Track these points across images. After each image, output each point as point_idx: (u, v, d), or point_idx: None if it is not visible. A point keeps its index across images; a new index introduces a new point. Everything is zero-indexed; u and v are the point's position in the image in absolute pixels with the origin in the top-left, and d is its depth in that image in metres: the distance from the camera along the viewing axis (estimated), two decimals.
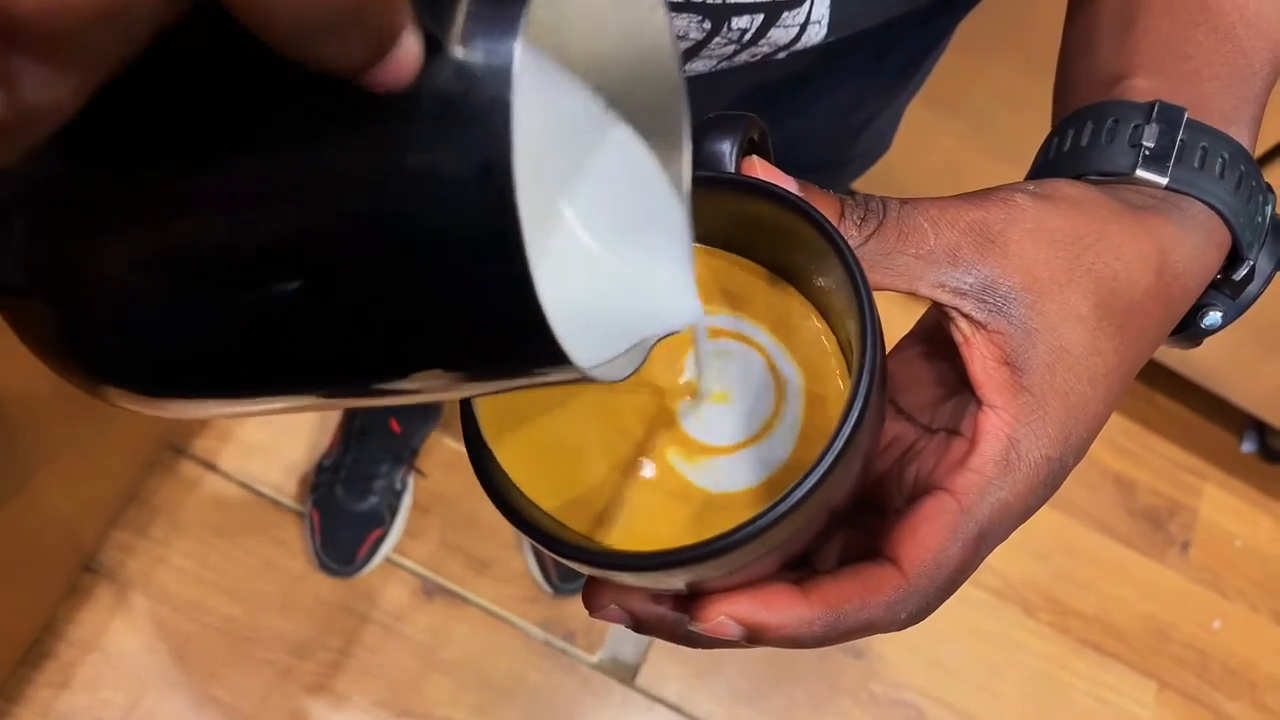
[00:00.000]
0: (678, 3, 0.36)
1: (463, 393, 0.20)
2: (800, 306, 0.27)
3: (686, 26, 0.38)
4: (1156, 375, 1.38)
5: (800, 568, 0.27)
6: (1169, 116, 0.29)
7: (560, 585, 1.15)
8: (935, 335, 0.31)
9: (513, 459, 0.25)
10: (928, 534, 0.24)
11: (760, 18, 0.37)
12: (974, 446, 0.25)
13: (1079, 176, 0.30)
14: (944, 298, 0.26)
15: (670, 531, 0.25)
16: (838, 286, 0.24)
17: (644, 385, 0.27)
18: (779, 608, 0.24)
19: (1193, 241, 0.29)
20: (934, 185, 1.21)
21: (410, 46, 0.15)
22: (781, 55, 0.41)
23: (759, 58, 0.41)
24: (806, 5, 0.38)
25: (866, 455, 0.24)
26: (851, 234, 0.26)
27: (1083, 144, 0.30)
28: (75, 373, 0.19)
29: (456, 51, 0.15)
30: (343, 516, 1.13)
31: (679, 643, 0.26)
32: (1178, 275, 0.28)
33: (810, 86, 0.49)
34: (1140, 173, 0.29)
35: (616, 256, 0.21)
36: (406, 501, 1.18)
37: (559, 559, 0.23)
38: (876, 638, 1.21)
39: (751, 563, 0.23)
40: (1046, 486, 0.26)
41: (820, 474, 0.21)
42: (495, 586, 1.16)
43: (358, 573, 1.13)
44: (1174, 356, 1.29)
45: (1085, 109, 0.31)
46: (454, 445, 1.23)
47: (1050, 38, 0.39)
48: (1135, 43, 0.32)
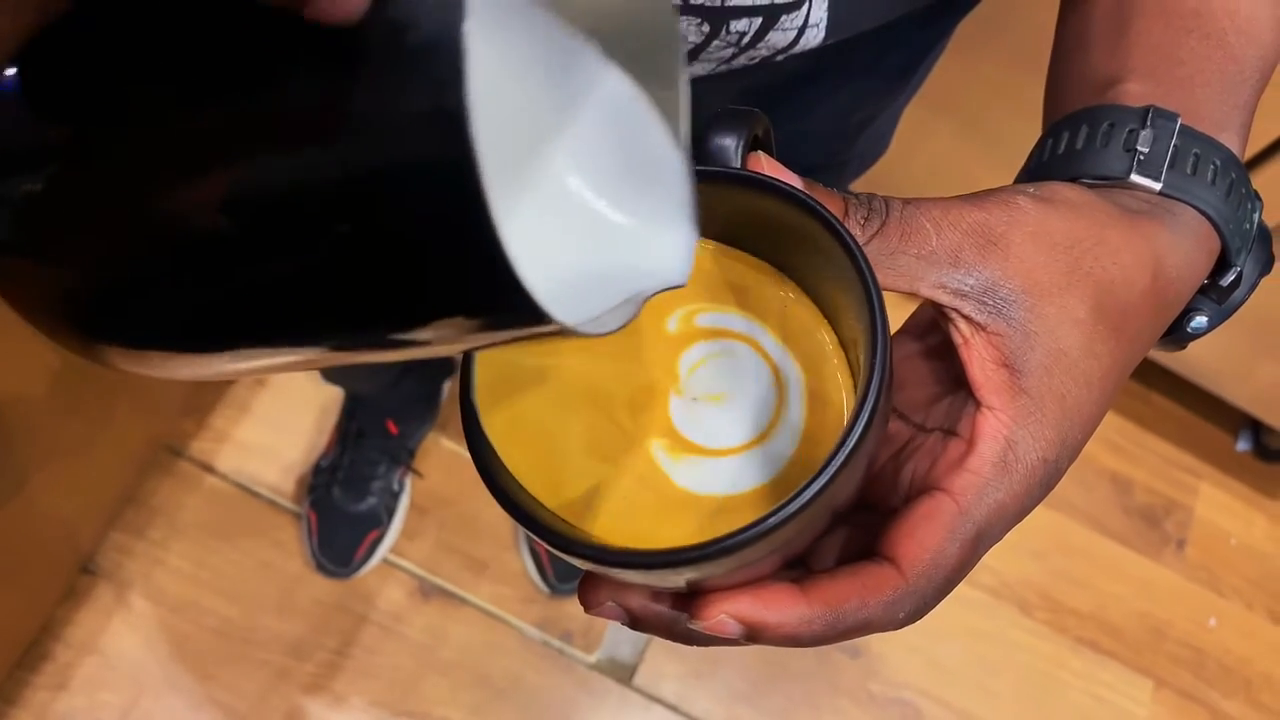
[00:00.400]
0: (676, 5, 0.36)
1: (448, 347, 0.19)
2: (804, 304, 0.27)
3: (686, 29, 0.38)
4: (1152, 374, 1.38)
5: (796, 567, 0.27)
6: (1163, 122, 0.29)
7: (557, 585, 1.15)
8: (927, 334, 0.31)
9: (514, 455, 0.25)
10: (926, 534, 0.24)
11: (759, 21, 0.38)
12: (972, 447, 0.25)
13: (1073, 179, 0.30)
14: (944, 299, 0.26)
15: (672, 532, 0.25)
16: (845, 285, 0.24)
17: (645, 384, 0.27)
18: (779, 607, 0.24)
19: (1185, 247, 0.29)
20: (929, 185, 1.21)
21: None
22: (780, 58, 0.41)
23: (758, 60, 0.41)
24: (805, 8, 0.38)
25: (872, 456, 0.24)
26: (855, 233, 0.26)
27: (1077, 147, 0.31)
28: (67, 332, 0.19)
29: None
30: (340, 517, 1.13)
31: (676, 640, 0.26)
32: (1171, 280, 0.29)
33: (809, 89, 0.49)
34: (1134, 177, 0.29)
35: (608, 206, 0.20)
36: (404, 502, 1.18)
37: (562, 555, 0.23)
38: (874, 637, 1.21)
39: (755, 562, 0.23)
40: (1042, 488, 0.26)
41: (830, 474, 0.22)
42: (492, 587, 1.16)
43: (355, 574, 1.13)
44: (1170, 356, 1.29)
45: (1079, 112, 0.31)
46: (451, 446, 1.23)
47: (1045, 39, 0.39)
48: (1128, 47, 0.32)
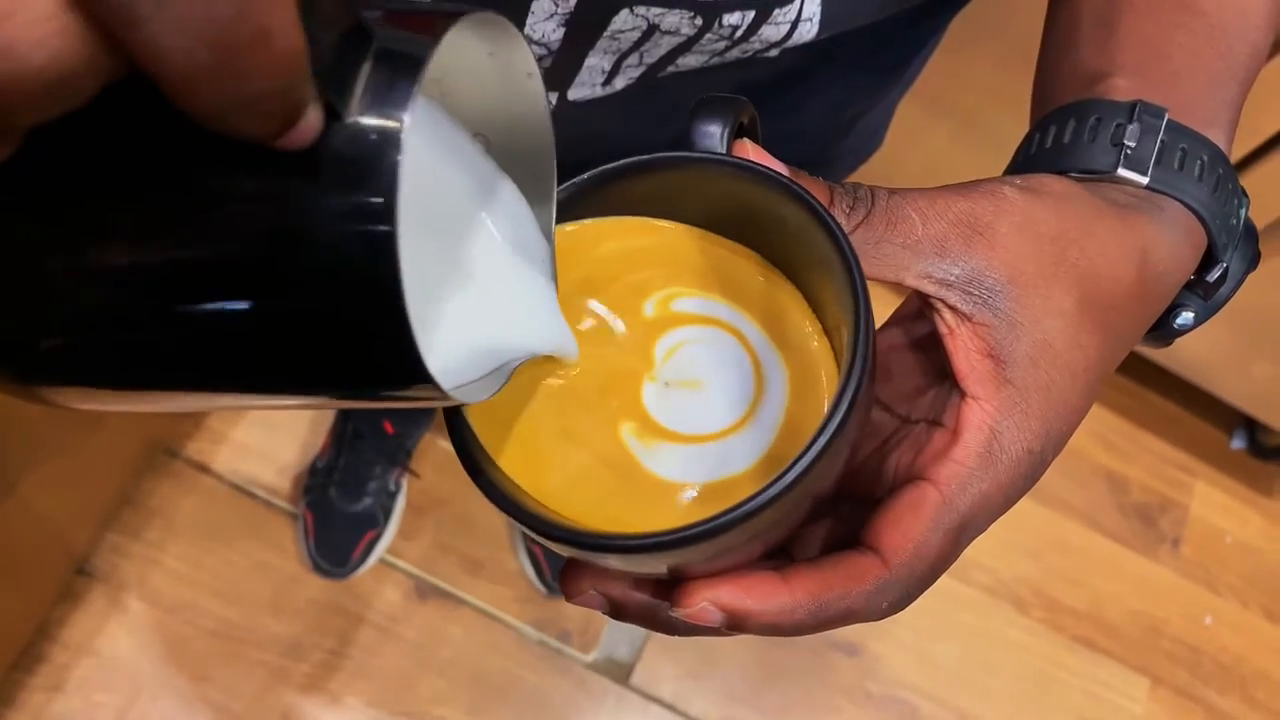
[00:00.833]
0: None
1: (348, 405, 0.22)
2: (787, 291, 0.27)
3: (678, 22, 0.38)
4: (1148, 373, 1.38)
5: (779, 556, 0.27)
6: (1150, 117, 0.30)
7: (554, 585, 1.15)
8: (912, 326, 0.31)
9: (494, 442, 0.25)
10: (910, 524, 0.24)
11: (751, 14, 0.38)
12: (956, 437, 0.25)
13: (1061, 173, 0.30)
14: (930, 288, 0.26)
15: (650, 519, 0.25)
16: (829, 271, 0.24)
17: (624, 374, 0.27)
18: (761, 595, 0.24)
19: (1171, 241, 0.29)
20: (924, 183, 1.21)
21: (311, 118, 0.17)
22: (773, 52, 0.41)
23: (750, 54, 0.41)
24: (798, 3, 0.38)
25: (853, 444, 0.24)
26: (840, 221, 0.26)
27: (1065, 141, 0.31)
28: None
29: (352, 120, 0.17)
30: (337, 518, 1.13)
31: (657, 629, 0.26)
32: (1157, 274, 0.29)
33: (801, 84, 0.49)
34: (1122, 172, 0.29)
35: (488, 289, 0.24)
36: (400, 503, 1.18)
37: (543, 540, 0.23)
38: (871, 636, 1.21)
39: (736, 548, 0.23)
40: (1027, 479, 0.26)
41: (810, 459, 0.22)
42: (489, 587, 1.16)
43: (352, 574, 1.13)
44: (1166, 354, 1.30)
45: (1068, 106, 0.32)
46: (448, 447, 1.23)
47: (1038, 37, 0.39)
48: (1117, 42, 0.33)
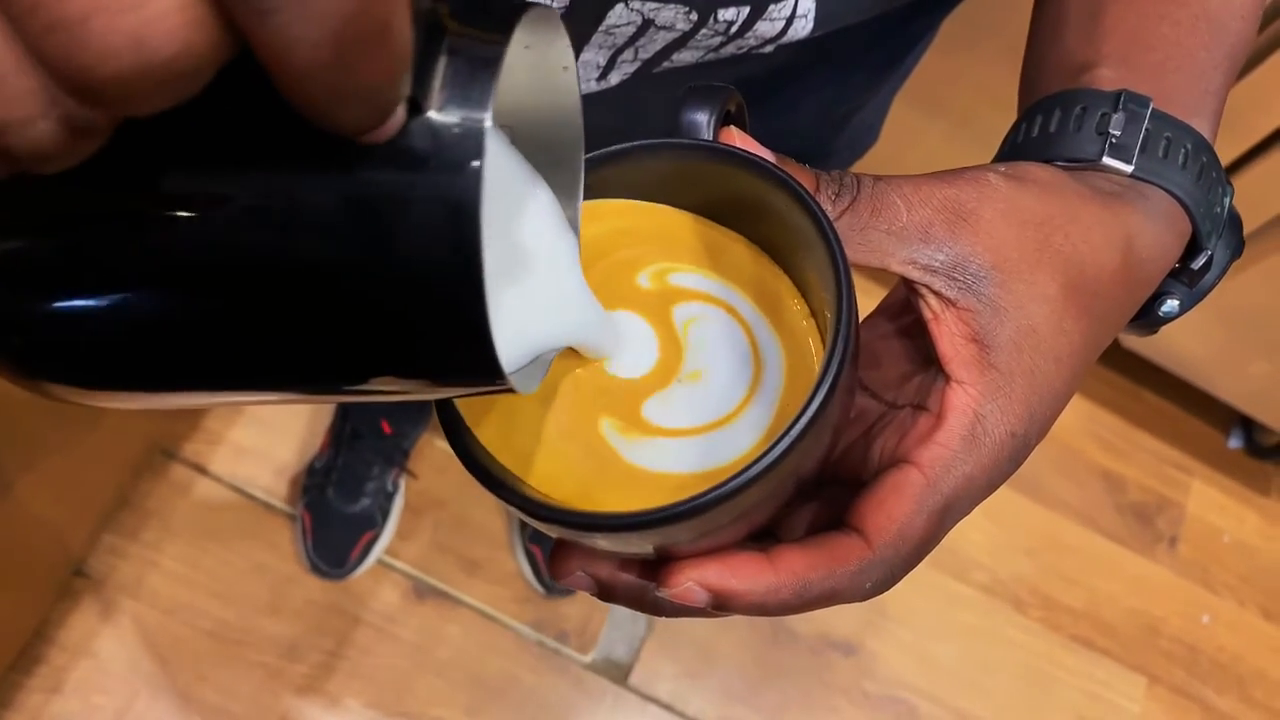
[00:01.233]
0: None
1: (395, 399, 0.22)
2: (775, 273, 0.27)
3: (673, 17, 0.38)
4: (1144, 372, 1.38)
5: (765, 540, 0.27)
6: (1135, 106, 0.30)
7: (552, 585, 1.15)
8: (899, 314, 0.31)
9: (486, 429, 0.25)
10: (894, 506, 0.25)
11: (747, 10, 0.38)
12: (941, 421, 0.26)
13: (1047, 162, 0.30)
14: (915, 274, 0.26)
15: (638, 504, 0.25)
16: (813, 256, 0.25)
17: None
18: (746, 575, 0.24)
19: (1156, 228, 0.29)
20: None
21: (399, 113, 0.16)
22: (768, 49, 0.41)
23: (745, 51, 0.41)
24: None
25: (837, 426, 0.24)
26: (826, 208, 0.26)
27: (1051, 130, 0.31)
28: (5, 372, 0.20)
29: (434, 115, 0.17)
30: (335, 519, 1.13)
31: (645, 610, 0.26)
32: (1142, 261, 0.29)
33: (796, 81, 0.49)
34: (1107, 160, 0.30)
35: (532, 283, 0.24)
36: (398, 503, 1.18)
37: (531, 520, 0.24)
38: (868, 635, 1.21)
39: (721, 528, 0.23)
40: (1011, 462, 0.26)
41: (791, 440, 0.22)
42: (487, 587, 1.16)
43: (350, 575, 1.13)
44: (1162, 353, 1.30)
45: (1054, 96, 0.32)
46: (445, 447, 1.22)
47: None
48: (1103, 33, 0.33)
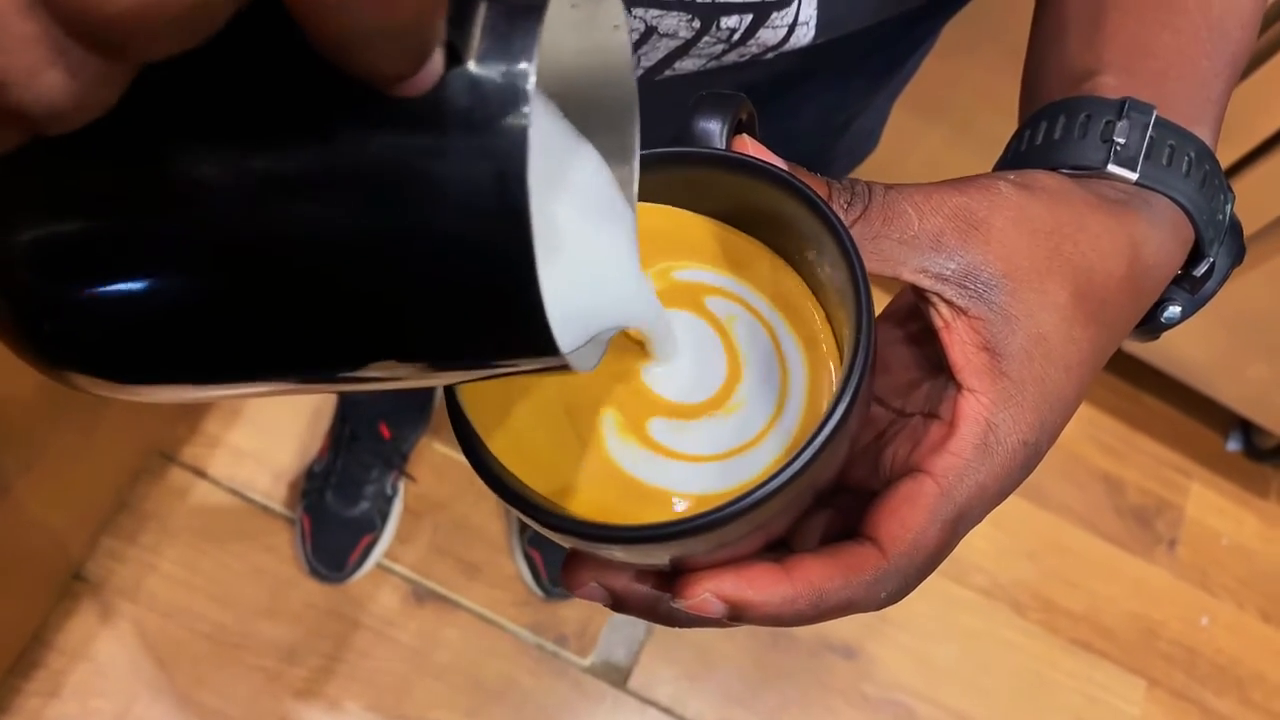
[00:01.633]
0: (668, 1, 0.36)
1: (444, 380, 0.20)
2: (792, 277, 0.27)
3: (676, 25, 0.38)
4: (1143, 375, 1.38)
5: (778, 548, 0.27)
6: (1139, 114, 0.30)
7: (551, 589, 1.15)
8: (905, 320, 0.31)
9: (499, 440, 0.25)
10: (908, 515, 0.25)
11: (749, 18, 0.38)
12: (953, 430, 0.26)
13: (1052, 169, 0.30)
14: (926, 283, 0.26)
15: (651, 517, 0.25)
16: (830, 264, 0.25)
17: (625, 370, 0.27)
18: (762, 586, 0.24)
19: (1160, 236, 0.29)
20: None
21: (437, 61, 0.15)
22: (769, 56, 0.41)
23: (747, 58, 0.41)
24: (794, 6, 0.38)
25: (854, 437, 0.24)
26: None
27: (1055, 138, 0.31)
28: (38, 362, 0.19)
29: (474, 67, 0.15)
30: (334, 522, 1.13)
31: (657, 621, 0.26)
32: (1148, 268, 0.29)
33: (798, 87, 0.49)
34: (1112, 168, 0.30)
35: (583, 254, 0.22)
36: (397, 506, 1.18)
37: (546, 531, 0.23)
38: (868, 638, 1.21)
39: (739, 539, 0.23)
40: (1022, 470, 0.26)
41: (813, 452, 0.22)
42: (486, 590, 1.16)
43: (349, 578, 1.13)
44: (1161, 357, 1.30)
45: (1057, 103, 0.32)
46: (444, 450, 1.23)
47: None
48: (1104, 40, 0.33)
